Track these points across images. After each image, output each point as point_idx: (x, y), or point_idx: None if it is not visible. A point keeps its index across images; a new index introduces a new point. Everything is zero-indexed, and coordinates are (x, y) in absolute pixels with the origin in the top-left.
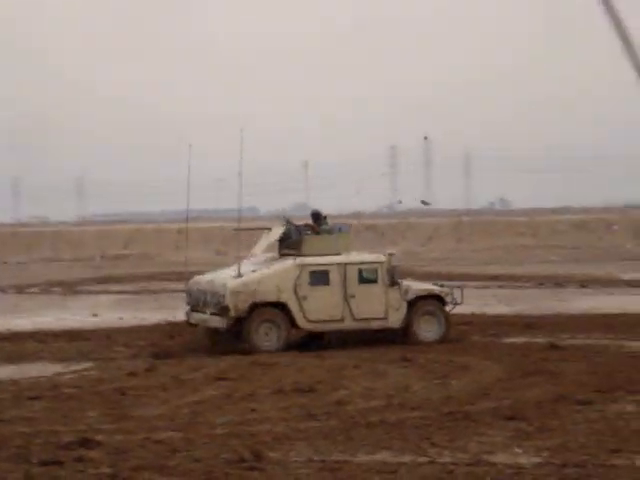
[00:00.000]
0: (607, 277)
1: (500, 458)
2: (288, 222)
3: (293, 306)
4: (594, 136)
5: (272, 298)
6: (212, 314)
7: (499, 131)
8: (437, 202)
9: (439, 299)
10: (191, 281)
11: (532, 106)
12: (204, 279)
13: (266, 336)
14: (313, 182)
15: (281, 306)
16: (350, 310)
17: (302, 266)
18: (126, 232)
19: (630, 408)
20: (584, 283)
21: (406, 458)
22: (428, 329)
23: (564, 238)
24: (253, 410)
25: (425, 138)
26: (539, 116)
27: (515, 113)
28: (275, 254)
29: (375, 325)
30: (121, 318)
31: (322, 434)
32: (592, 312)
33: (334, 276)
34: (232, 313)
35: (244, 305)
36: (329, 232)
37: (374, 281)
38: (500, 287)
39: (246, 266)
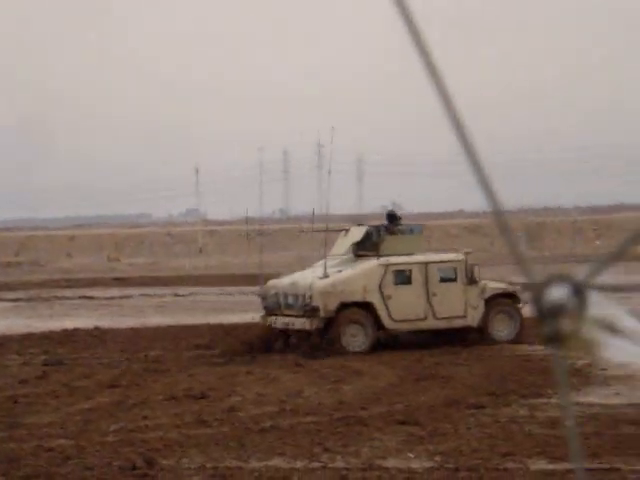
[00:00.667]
0: (500, 281)
1: (393, 463)
2: (361, 223)
3: (379, 306)
4: (490, 140)
5: (359, 298)
6: (297, 317)
7: (394, 135)
8: (330, 207)
9: (513, 298)
10: (267, 285)
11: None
12: (282, 282)
13: (353, 337)
14: (204, 187)
15: (367, 306)
16: (432, 309)
17: (386, 266)
18: (17, 239)
19: (522, 412)
20: None
21: (299, 464)
22: (502, 328)
23: (457, 242)
24: (145, 417)
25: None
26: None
27: (414, 116)
28: (351, 255)
29: (455, 324)
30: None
31: (214, 440)
32: None
33: (416, 275)
34: (322, 314)
35: (332, 305)
36: (404, 233)
37: (454, 280)
38: None
39: (327, 267)
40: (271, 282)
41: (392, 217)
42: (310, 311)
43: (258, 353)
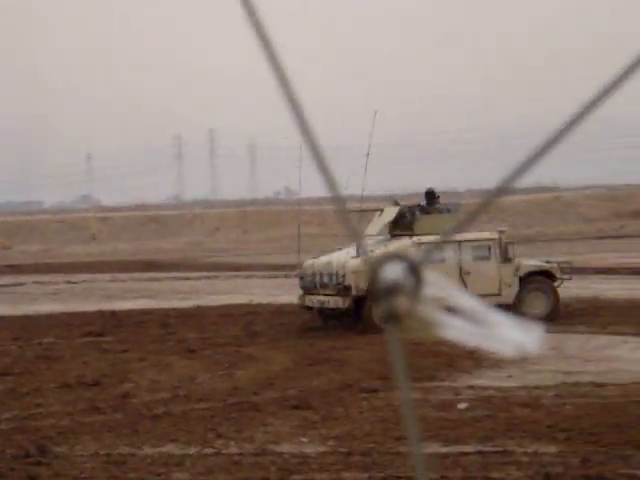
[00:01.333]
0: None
1: (286, 448)
2: (396, 203)
3: None
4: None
5: None
6: (332, 295)
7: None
8: (223, 193)
9: (549, 276)
10: (304, 265)
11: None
12: (319, 262)
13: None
14: (97, 174)
15: None
16: (465, 287)
17: (418, 245)
18: None
19: (415, 395)
20: None
21: (192, 450)
22: (537, 306)
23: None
24: (38, 405)
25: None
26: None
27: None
28: (387, 235)
29: (489, 301)
30: None
31: (107, 428)
32: None
33: (449, 254)
34: (353, 292)
35: (364, 284)
36: (441, 212)
37: (487, 258)
38: (286, 277)
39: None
40: (308, 262)
41: (430, 196)
42: (343, 290)
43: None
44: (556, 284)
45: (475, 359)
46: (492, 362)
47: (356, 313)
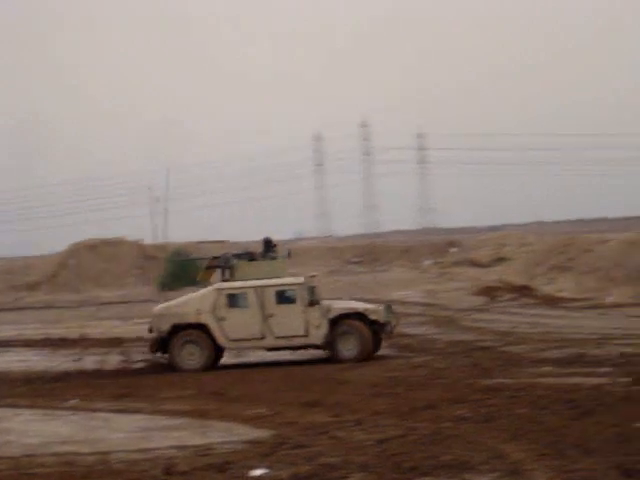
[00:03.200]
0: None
1: None
2: (225, 254)
3: (213, 327)
4: None
5: (192, 320)
6: None
7: None
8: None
9: (363, 318)
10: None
11: None
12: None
13: (190, 356)
14: None
15: (202, 327)
16: (270, 329)
17: (219, 290)
18: None
19: None
20: None
21: None
22: (349, 347)
23: None
24: None
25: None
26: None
27: None
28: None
29: (296, 342)
30: None
31: None
32: None
33: (251, 298)
34: (154, 334)
35: (165, 326)
36: (274, 258)
37: (292, 301)
38: None
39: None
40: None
41: (267, 243)
42: (149, 332)
43: None
44: (388, 327)
45: None
46: None
47: (164, 353)
